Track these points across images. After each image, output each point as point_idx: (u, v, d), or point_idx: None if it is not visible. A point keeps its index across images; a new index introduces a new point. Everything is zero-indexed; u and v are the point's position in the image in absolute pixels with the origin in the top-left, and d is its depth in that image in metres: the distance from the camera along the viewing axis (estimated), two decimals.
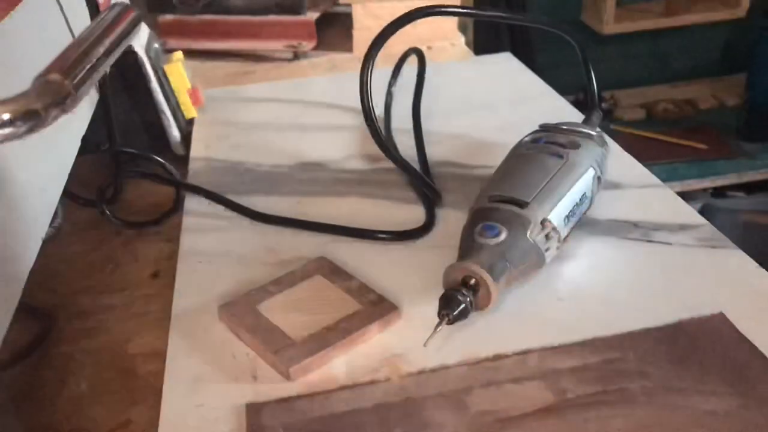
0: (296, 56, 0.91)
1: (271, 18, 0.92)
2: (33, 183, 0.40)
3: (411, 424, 0.37)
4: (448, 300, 0.42)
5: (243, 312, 0.44)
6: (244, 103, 0.78)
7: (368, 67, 0.51)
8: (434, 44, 0.92)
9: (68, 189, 0.47)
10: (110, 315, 0.54)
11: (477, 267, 0.42)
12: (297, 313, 0.44)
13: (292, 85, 0.83)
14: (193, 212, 0.58)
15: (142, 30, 0.66)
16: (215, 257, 0.52)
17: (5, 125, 0.22)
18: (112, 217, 0.62)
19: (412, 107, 0.71)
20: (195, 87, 0.73)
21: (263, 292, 0.46)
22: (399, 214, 0.56)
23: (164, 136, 0.70)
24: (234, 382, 0.41)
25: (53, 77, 0.24)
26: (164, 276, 0.57)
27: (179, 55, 0.72)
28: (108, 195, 0.64)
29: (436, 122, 0.69)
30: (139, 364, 0.50)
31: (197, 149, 0.68)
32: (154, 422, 0.42)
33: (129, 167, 0.67)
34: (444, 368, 0.41)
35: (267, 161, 0.65)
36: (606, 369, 0.40)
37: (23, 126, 0.22)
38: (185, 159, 0.68)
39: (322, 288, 0.47)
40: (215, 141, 0.70)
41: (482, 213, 0.46)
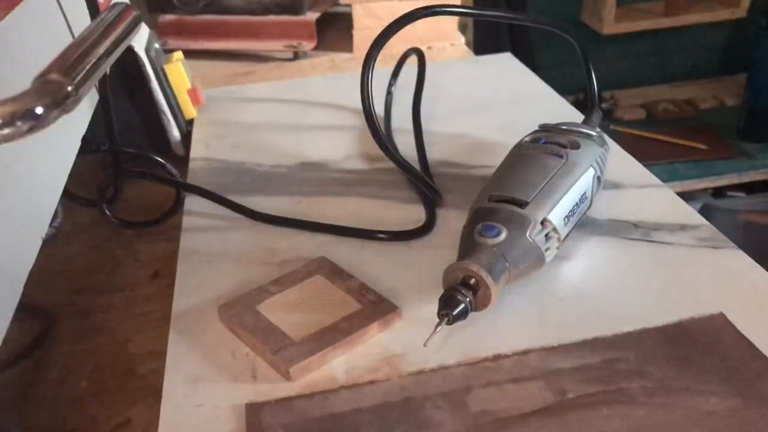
0: (296, 56, 0.91)
1: (271, 18, 0.92)
2: (33, 182, 0.40)
3: (411, 424, 0.37)
4: (448, 300, 0.42)
5: (243, 312, 0.44)
6: (244, 103, 0.78)
7: (369, 67, 0.51)
8: (434, 44, 0.92)
9: (68, 189, 0.47)
10: (110, 315, 0.54)
11: (477, 267, 0.42)
12: (297, 313, 0.44)
13: (292, 85, 0.83)
14: (194, 212, 0.58)
15: (142, 30, 0.66)
16: (215, 257, 0.52)
17: (6, 125, 0.22)
18: (112, 217, 0.62)
19: (412, 107, 0.71)
20: (195, 87, 0.73)
21: (263, 292, 0.46)
22: (399, 214, 0.56)
23: (164, 136, 0.70)
24: (234, 382, 0.41)
25: (53, 77, 0.24)
26: (164, 276, 0.58)
27: (179, 55, 0.72)
28: (108, 195, 0.64)
29: (436, 122, 0.69)
30: (139, 364, 0.50)
31: (197, 149, 0.68)
32: (154, 422, 0.42)
33: (129, 167, 0.67)
34: (444, 368, 0.41)
35: (267, 161, 0.65)
36: (606, 369, 0.40)
37: (24, 126, 0.23)
38: (185, 159, 0.68)
39: (323, 288, 0.47)
40: (215, 141, 0.70)
41: (482, 213, 0.47)
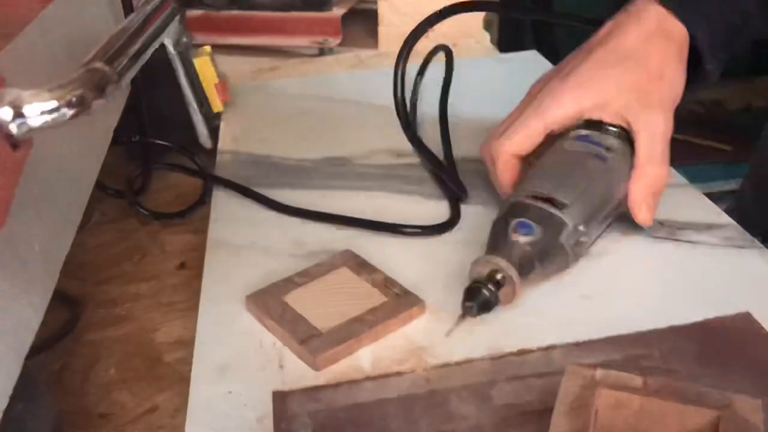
0: (322, 52, 0.92)
1: (297, 14, 0.93)
2: (68, 171, 0.41)
3: (435, 416, 0.38)
4: (473, 293, 0.42)
5: (270, 302, 0.45)
6: (271, 98, 0.79)
7: (402, 60, 0.52)
8: (459, 42, 0.92)
9: (97, 179, 0.48)
10: (138, 304, 0.55)
11: (506, 263, 0.42)
12: (323, 304, 0.45)
13: (318, 81, 0.83)
14: (221, 204, 0.59)
15: (172, 23, 0.67)
16: (242, 248, 0.53)
17: (52, 111, 0.23)
18: (141, 209, 0.63)
19: (440, 104, 0.71)
20: (222, 81, 0.74)
21: (290, 283, 0.47)
22: (423, 209, 0.56)
23: (192, 130, 0.71)
24: (261, 371, 0.41)
25: (98, 65, 0.24)
26: (191, 267, 0.58)
27: (208, 50, 0.73)
28: (137, 186, 0.65)
29: (461, 119, 0.69)
30: (166, 352, 0.50)
31: (225, 142, 0.69)
32: (181, 408, 0.43)
33: (158, 159, 0.68)
34: (468, 362, 0.41)
35: (293, 155, 0.66)
36: (630, 366, 0.40)
37: (69, 112, 0.23)
38: (212, 152, 0.69)
39: (349, 280, 0.47)
40: (242, 135, 0.71)
41: (519, 208, 0.46)
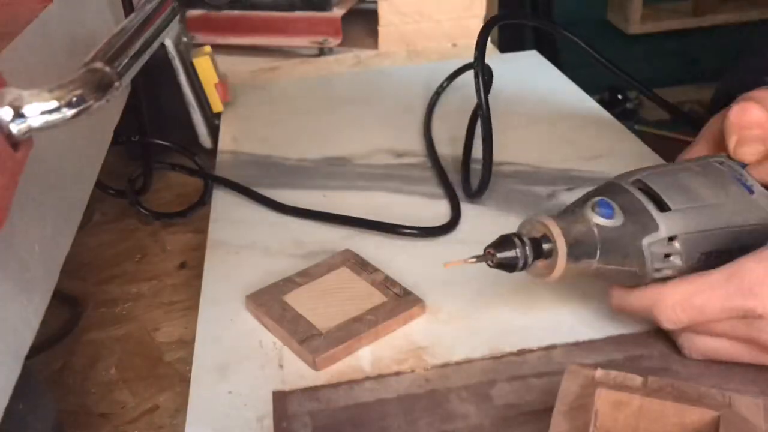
0: (322, 52, 0.92)
1: (297, 14, 0.92)
2: (68, 171, 0.41)
3: (435, 415, 0.38)
4: (504, 241, 0.37)
5: (270, 302, 0.45)
6: (271, 98, 0.79)
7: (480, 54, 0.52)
8: (459, 41, 0.92)
9: (98, 179, 0.48)
10: (138, 303, 0.55)
11: (560, 234, 0.36)
12: (323, 304, 0.45)
13: (318, 81, 0.83)
14: (221, 204, 0.59)
15: (172, 23, 0.67)
16: (242, 248, 0.53)
17: (53, 111, 0.23)
18: (142, 208, 0.63)
19: (473, 113, 0.67)
20: (222, 81, 0.74)
21: (289, 283, 0.47)
22: (424, 209, 0.56)
23: (192, 129, 0.71)
24: (261, 370, 0.41)
25: (98, 65, 0.24)
26: (191, 267, 0.58)
27: (208, 49, 0.73)
28: (138, 186, 0.65)
29: (460, 118, 0.69)
30: (167, 352, 0.50)
31: (224, 142, 0.69)
32: (181, 408, 0.43)
33: (158, 159, 0.68)
34: (468, 362, 0.41)
35: (293, 155, 0.66)
36: (631, 365, 0.40)
37: (69, 112, 0.23)
38: (212, 152, 0.69)
39: (348, 280, 0.47)
40: (242, 134, 0.71)
41: (611, 189, 0.39)
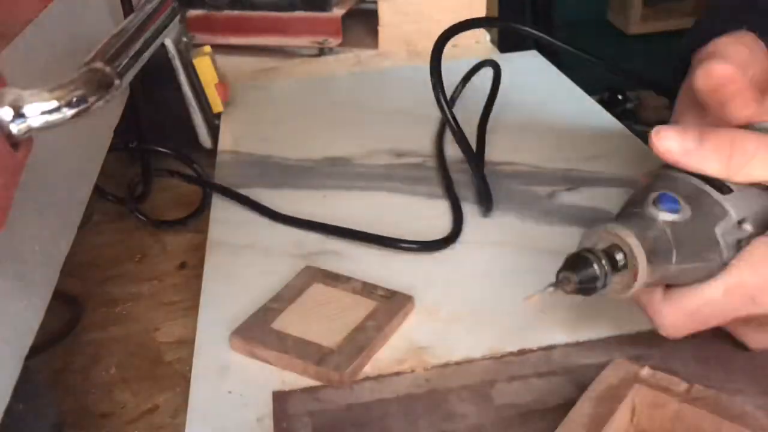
0: (322, 52, 0.92)
1: (298, 14, 0.93)
2: (68, 171, 0.41)
3: (435, 415, 0.38)
4: (578, 263, 0.31)
5: (261, 334, 0.43)
6: (271, 98, 0.79)
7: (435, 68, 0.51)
8: (459, 42, 0.92)
9: (97, 184, 0.48)
10: (138, 304, 0.55)
11: (634, 240, 0.32)
12: (316, 323, 0.44)
13: (318, 81, 0.83)
14: (221, 204, 0.59)
15: (173, 23, 0.67)
16: (242, 248, 0.53)
17: (53, 111, 0.23)
18: (141, 216, 0.63)
19: (480, 119, 0.68)
20: (223, 81, 0.74)
21: (270, 311, 0.45)
22: (424, 209, 0.56)
23: (192, 130, 0.71)
24: (261, 371, 0.41)
25: (98, 65, 0.24)
26: (191, 267, 0.58)
27: (208, 49, 0.73)
28: (137, 193, 0.65)
29: (460, 118, 0.69)
30: (167, 352, 0.50)
31: (225, 143, 0.69)
32: (181, 408, 0.43)
33: (157, 165, 0.68)
34: (468, 361, 0.41)
35: (293, 155, 0.66)
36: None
37: (69, 112, 0.23)
38: (212, 152, 0.69)
39: (327, 294, 0.46)
40: (242, 135, 0.71)
41: (665, 179, 0.36)
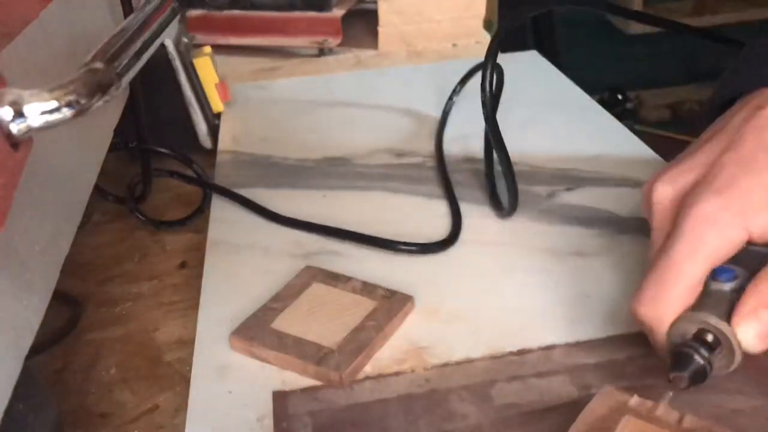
0: (322, 52, 0.92)
1: (298, 14, 0.93)
2: (68, 171, 0.41)
3: (435, 415, 0.38)
4: (683, 360, 0.35)
5: (260, 334, 0.43)
6: (271, 98, 0.79)
7: (490, 62, 0.50)
8: (459, 42, 0.92)
9: (97, 184, 0.48)
10: (138, 303, 0.55)
11: (715, 319, 0.35)
12: (316, 323, 0.43)
13: (318, 81, 0.83)
14: (221, 204, 0.59)
15: (173, 23, 0.67)
16: (242, 248, 0.53)
17: (53, 111, 0.23)
18: (141, 216, 0.63)
19: (486, 121, 0.67)
20: (223, 81, 0.74)
21: (269, 311, 0.45)
22: (424, 209, 0.56)
23: (192, 130, 0.71)
24: (261, 370, 0.41)
25: (98, 65, 0.24)
26: (191, 266, 0.58)
27: (208, 49, 0.73)
28: (137, 193, 0.65)
29: (460, 118, 0.69)
30: (167, 352, 0.50)
31: (225, 143, 0.69)
32: (181, 408, 0.43)
33: (157, 165, 0.68)
34: (468, 361, 0.41)
35: (293, 155, 0.66)
36: (631, 365, 0.40)
37: (69, 112, 0.23)
38: (212, 152, 0.69)
39: (327, 294, 0.46)
40: (242, 135, 0.71)
41: None
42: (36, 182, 0.34)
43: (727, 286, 0.36)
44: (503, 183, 0.53)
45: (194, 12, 0.95)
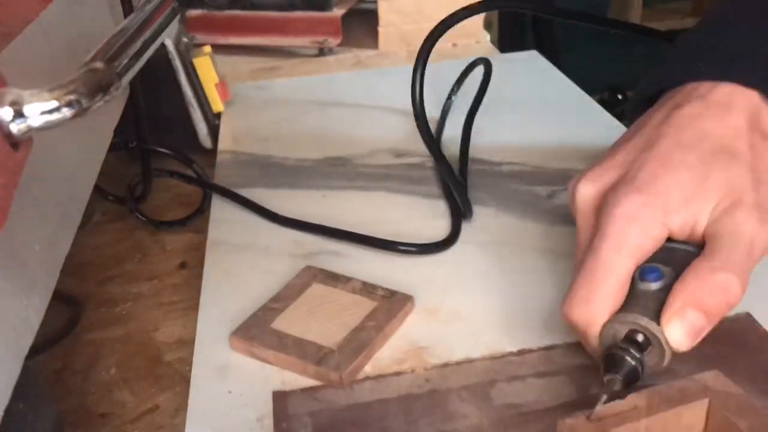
0: (322, 52, 0.92)
1: (298, 14, 0.93)
2: (68, 171, 0.41)
3: (435, 415, 0.38)
4: (614, 361, 0.35)
5: (260, 334, 0.43)
6: (271, 98, 0.79)
7: (420, 64, 0.50)
8: (459, 42, 0.92)
9: (97, 184, 0.48)
10: (138, 303, 0.55)
11: (645, 320, 0.35)
12: (315, 323, 0.43)
13: (318, 81, 0.83)
14: (221, 204, 0.59)
15: (173, 23, 0.67)
16: (242, 248, 0.53)
17: (53, 111, 0.23)
18: (142, 216, 0.63)
19: (467, 117, 0.68)
20: (223, 81, 0.74)
21: (269, 311, 0.45)
22: (424, 209, 0.56)
23: (192, 130, 0.71)
24: (261, 371, 0.41)
25: (98, 65, 0.24)
26: (191, 266, 0.58)
27: (208, 49, 0.73)
28: (137, 193, 0.65)
29: (460, 118, 0.69)
30: (167, 352, 0.50)
31: (225, 142, 0.69)
32: (181, 408, 0.43)
33: (157, 165, 0.68)
34: (468, 361, 0.41)
35: (293, 155, 0.66)
36: None
37: (69, 112, 0.23)
38: (212, 152, 0.69)
39: (327, 295, 0.46)
40: (242, 134, 0.71)
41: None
42: (36, 182, 0.34)
43: (654, 286, 0.36)
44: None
45: (194, 12, 0.95)
